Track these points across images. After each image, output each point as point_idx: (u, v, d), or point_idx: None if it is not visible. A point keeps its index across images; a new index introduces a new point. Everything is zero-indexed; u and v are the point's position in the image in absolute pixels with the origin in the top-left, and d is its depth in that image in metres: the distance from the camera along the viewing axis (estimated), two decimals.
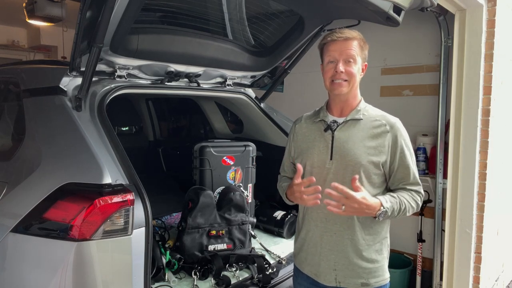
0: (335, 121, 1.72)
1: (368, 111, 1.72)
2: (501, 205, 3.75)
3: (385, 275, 1.72)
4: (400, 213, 1.63)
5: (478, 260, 3.29)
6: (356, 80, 1.66)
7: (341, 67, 1.62)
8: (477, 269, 3.30)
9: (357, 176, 1.53)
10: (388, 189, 1.71)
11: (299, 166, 1.61)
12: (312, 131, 1.77)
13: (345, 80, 1.63)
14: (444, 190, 3.41)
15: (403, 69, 3.86)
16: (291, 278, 2.01)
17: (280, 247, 2.55)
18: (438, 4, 2.71)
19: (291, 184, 1.65)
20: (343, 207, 1.50)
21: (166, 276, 2.05)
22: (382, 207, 1.54)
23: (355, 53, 1.62)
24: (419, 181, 1.71)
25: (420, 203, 1.69)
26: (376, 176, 1.65)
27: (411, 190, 1.67)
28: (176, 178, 3.70)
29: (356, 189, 1.51)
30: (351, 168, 1.63)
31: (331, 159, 1.67)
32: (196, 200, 2.29)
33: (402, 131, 1.68)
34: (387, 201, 1.58)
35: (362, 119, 1.68)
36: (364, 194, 1.52)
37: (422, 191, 1.71)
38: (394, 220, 1.72)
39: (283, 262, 2.37)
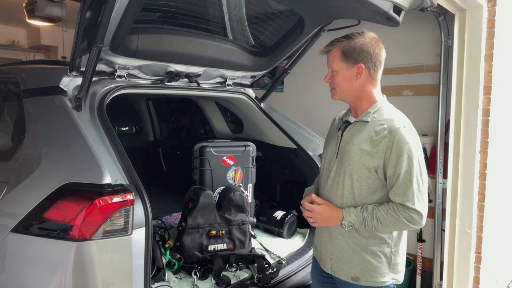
0: (348, 122, 1.76)
1: (379, 113, 1.67)
2: (501, 205, 3.75)
3: (379, 278, 1.65)
4: (374, 227, 1.60)
5: (478, 260, 3.29)
6: (344, 88, 1.69)
7: (325, 78, 1.74)
8: (477, 269, 3.30)
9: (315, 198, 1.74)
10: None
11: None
12: (334, 129, 1.86)
13: (334, 89, 1.73)
14: (444, 190, 3.41)
15: (403, 69, 3.85)
16: (291, 278, 2.02)
17: (280, 247, 2.55)
18: (438, 4, 2.70)
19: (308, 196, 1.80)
20: (310, 219, 1.73)
21: (166, 276, 2.05)
22: (343, 218, 1.64)
23: (334, 64, 1.69)
24: (412, 196, 1.54)
25: (409, 220, 1.55)
26: (371, 181, 1.62)
27: (396, 203, 1.57)
28: (176, 178, 3.70)
29: (317, 202, 1.72)
30: (344, 169, 1.67)
31: (336, 158, 1.73)
32: (196, 200, 2.29)
33: (404, 137, 1.56)
34: (350, 214, 1.63)
35: (368, 121, 1.66)
36: (325, 206, 1.71)
37: (414, 206, 1.54)
38: None
39: (283, 262, 2.37)
